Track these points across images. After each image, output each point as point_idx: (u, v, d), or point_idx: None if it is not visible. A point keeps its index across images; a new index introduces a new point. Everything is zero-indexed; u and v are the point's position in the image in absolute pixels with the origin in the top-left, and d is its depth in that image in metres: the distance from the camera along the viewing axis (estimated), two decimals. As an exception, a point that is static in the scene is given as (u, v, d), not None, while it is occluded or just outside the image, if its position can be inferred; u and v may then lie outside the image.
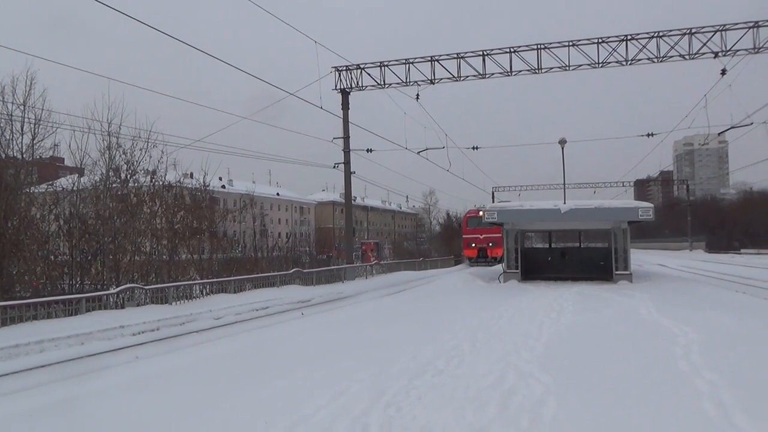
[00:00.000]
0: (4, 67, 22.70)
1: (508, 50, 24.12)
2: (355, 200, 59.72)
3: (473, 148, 32.64)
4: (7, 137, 16.29)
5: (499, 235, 33.18)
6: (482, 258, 40.23)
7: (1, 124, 16.20)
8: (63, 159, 29.47)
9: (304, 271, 22.81)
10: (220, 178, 63.29)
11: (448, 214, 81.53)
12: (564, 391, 5.94)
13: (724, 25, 22.28)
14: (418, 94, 25.88)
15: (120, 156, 19.07)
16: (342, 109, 25.96)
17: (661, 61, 22.94)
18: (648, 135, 31.17)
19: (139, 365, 8.78)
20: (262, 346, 9.78)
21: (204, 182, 21.25)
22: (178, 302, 15.10)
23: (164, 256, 18.30)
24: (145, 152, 19.09)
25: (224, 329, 13.57)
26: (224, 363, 8.42)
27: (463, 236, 42.49)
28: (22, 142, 17.45)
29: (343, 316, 13.39)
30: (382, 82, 25.59)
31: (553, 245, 29.83)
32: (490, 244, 39.90)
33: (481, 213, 35.62)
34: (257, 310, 16.26)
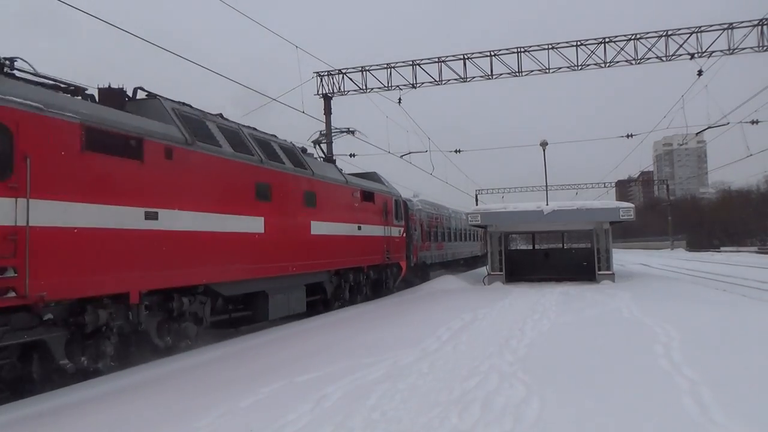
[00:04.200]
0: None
1: (488, 54, 24.28)
2: (339, 205, 59.41)
3: (456, 151, 32.81)
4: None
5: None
6: None
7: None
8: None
9: (289, 276, 22.60)
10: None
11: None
12: (547, 391, 5.97)
13: (700, 27, 22.66)
14: (400, 99, 25.95)
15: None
16: (324, 114, 25.90)
17: (638, 63, 23.25)
18: (628, 136, 31.54)
19: (121, 373, 8.66)
20: (243, 353, 9.70)
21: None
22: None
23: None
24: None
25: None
26: (204, 370, 8.34)
27: None
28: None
29: (325, 321, 13.34)
30: (364, 87, 25.59)
31: (536, 246, 30.02)
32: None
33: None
34: (241, 316, 16.11)
